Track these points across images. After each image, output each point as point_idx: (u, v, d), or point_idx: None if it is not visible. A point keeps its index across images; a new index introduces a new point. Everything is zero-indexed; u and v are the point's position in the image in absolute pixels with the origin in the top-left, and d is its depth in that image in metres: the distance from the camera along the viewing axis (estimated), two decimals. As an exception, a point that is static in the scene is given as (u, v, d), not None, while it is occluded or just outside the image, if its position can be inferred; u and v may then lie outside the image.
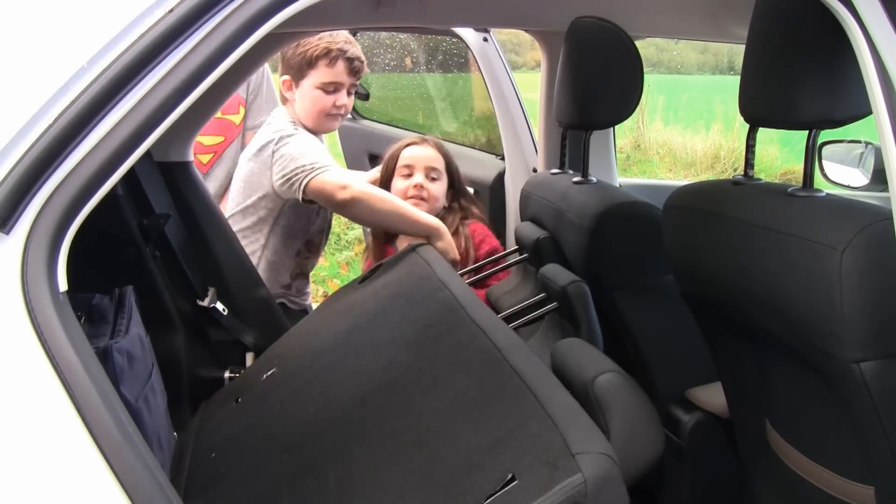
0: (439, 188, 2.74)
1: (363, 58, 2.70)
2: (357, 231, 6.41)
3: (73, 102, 0.98)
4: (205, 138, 3.24)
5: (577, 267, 2.17)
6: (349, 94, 2.72)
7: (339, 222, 6.40)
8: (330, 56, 2.61)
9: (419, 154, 2.76)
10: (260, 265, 2.78)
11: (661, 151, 11.33)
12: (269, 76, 3.42)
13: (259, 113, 3.32)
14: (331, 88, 2.66)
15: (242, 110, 3.36)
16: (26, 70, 1.00)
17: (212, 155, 3.30)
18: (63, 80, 0.98)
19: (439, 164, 2.75)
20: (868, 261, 1.28)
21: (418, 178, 2.71)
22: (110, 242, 1.91)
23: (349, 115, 3.31)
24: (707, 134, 11.10)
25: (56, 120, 0.97)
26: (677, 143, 11.29)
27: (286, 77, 2.68)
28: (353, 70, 2.68)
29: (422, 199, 2.69)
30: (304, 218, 2.79)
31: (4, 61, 1.00)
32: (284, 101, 2.76)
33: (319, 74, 2.63)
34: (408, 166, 2.74)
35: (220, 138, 3.33)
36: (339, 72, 2.65)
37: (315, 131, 2.73)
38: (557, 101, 2.29)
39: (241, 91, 3.28)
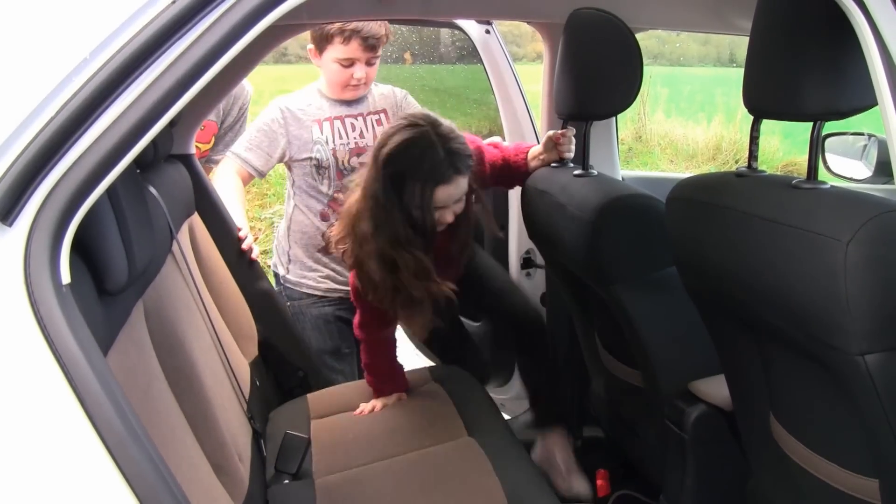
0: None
1: (380, 33, 2.76)
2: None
3: (75, 94, 0.98)
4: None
5: (578, 260, 2.16)
6: (370, 64, 2.83)
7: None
8: (344, 35, 2.71)
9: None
10: (291, 228, 2.97)
11: (662, 143, 11.32)
12: (246, 113, 3.52)
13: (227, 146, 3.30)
14: (347, 63, 2.78)
15: (213, 140, 3.40)
16: (28, 62, 0.99)
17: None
18: (65, 72, 0.98)
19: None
20: (873, 253, 1.27)
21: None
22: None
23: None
24: (709, 126, 11.09)
25: (58, 112, 0.97)
26: (679, 135, 11.28)
27: (311, 46, 2.82)
28: (369, 47, 2.76)
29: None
30: (309, 177, 2.90)
31: (7, 54, 1.00)
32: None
33: (336, 50, 2.75)
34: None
35: (203, 145, 3.35)
36: (354, 48, 2.74)
37: (339, 99, 2.90)
38: (556, 93, 2.28)
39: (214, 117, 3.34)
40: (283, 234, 3.04)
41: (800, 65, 1.42)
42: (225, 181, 2.83)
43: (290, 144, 2.86)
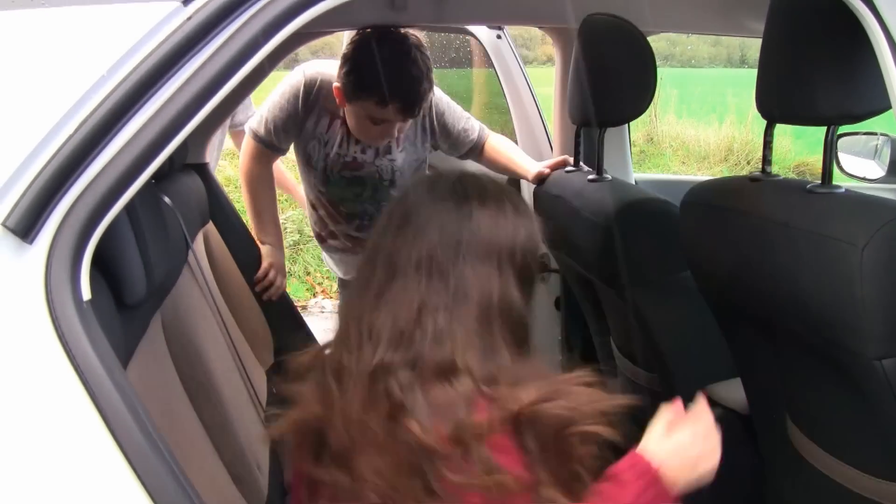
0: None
1: (424, 97, 2.42)
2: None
3: (93, 112, 0.99)
4: None
5: (593, 264, 2.17)
6: (403, 120, 2.48)
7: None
8: (380, 96, 2.34)
9: None
10: (307, 210, 2.86)
11: (673, 145, 11.29)
12: None
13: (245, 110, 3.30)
14: (379, 122, 2.42)
15: None
16: (47, 81, 1.00)
17: None
18: (83, 90, 0.99)
19: None
20: (889, 257, 1.27)
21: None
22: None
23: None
24: (720, 127, 11.06)
25: (77, 130, 0.98)
26: (690, 136, 11.25)
27: (337, 85, 2.42)
28: (406, 112, 2.42)
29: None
30: (303, 164, 2.70)
31: (26, 73, 1.01)
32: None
33: (368, 108, 2.39)
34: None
35: None
36: (391, 112, 2.38)
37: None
38: (570, 99, 2.28)
39: None
40: None
41: (813, 69, 1.42)
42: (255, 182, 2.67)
43: (304, 118, 2.58)
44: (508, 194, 1.32)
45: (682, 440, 1.26)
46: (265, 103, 2.60)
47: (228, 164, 8.05)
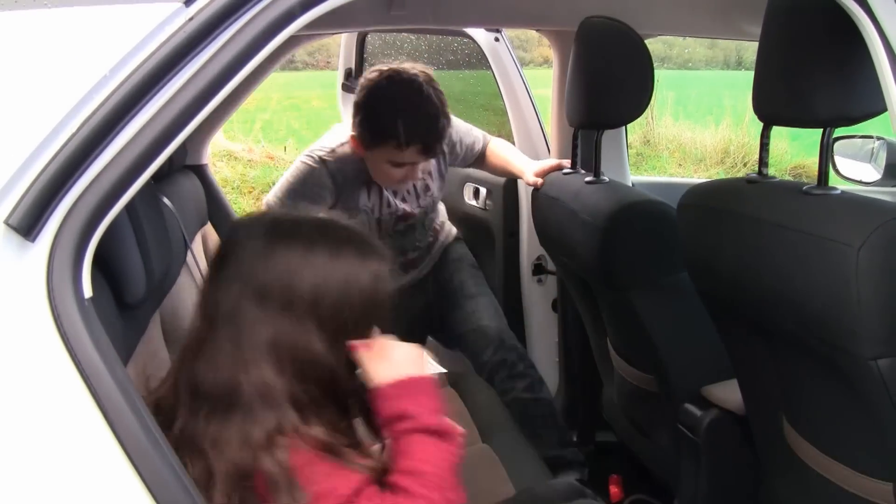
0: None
1: (442, 133, 2.39)
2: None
3: (94, 112, 0.99)
4: None
5: (590, 266, 2.17)
6: (426, 160, 2.45)
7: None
8: (401, 141, 2.29)
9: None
10: None
11: (670, 147, 11.30)
12: None
13: None
14: (400, 165, 2.37)
15: None
16: (49, 81, 1.01)
17: None
18: (85, 90, 0.99)
19: None
20: (884, 258, 1.28)
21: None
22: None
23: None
24: (717, 129, 11.08)
25: (78, 129, 0.98)
26: (687, 138, 11.27)
27: (353, 134, 2.38)
28: (429, 152, 2.39)
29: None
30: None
31: (28, 72, 1.02)
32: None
33: (388, 153, 2.34)
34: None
35: None
36: (412, 154, 2.34)
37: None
38: (568, 102, 2.29)
39: None
40: None
41: (810, 72, 1.43)
42: None
43: (336, 203, 2.48)
44: (338, 238, 1.26)
45: (390, 354, 1.24)
46: (289, 197, 2.46)
47: (225, 165, 8.07)
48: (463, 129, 2.72)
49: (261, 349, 1.17)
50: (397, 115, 2.26)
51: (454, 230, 2.99)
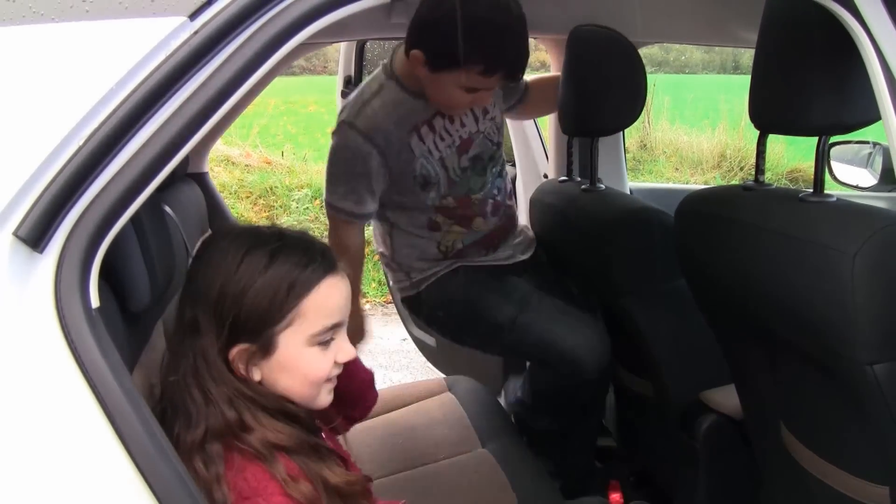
0: None
1: (527, 56, 2.14)
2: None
3: (101, 125, 1.00)
4: None
5: (587, 274, 2.19)
6: (505, 86, 2.29)
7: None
8: (489, 66, 2.05)
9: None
10: (394, 253, 2.43)
11: (667, 151, 11.30)
12: None
13: None
14: (475, 90, 2.12)
15: None
16: (56, 94, 1.02)
17: None
18: (92, 104, 1.00)
19: None
20: (879, 264, 1.30)
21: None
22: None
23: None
24: (713, 133, 11.08)
25: (85, 143, 0.99)
26: (683, 143, 11.26)
27: (418, 51, 2.09)
28: (513, 79, 2.19)
29: None
30: (409, 194, 2.30)
31: (35, 86, 1.03)
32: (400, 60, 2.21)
33: (468, 78, 2.07)
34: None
35: None
36: (494, 80, 2.11)
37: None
38: (561, 110, 2.30)
39: None
40: (388, 259, 2.48)
41: (805, 80, 1.44)
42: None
43: (391, 174, 2.24)
44: (254, 240, 1.29)
45: None
46: (338, 185, 2.24)
47: (223, 170, 8.07)
48: None
49: (195, 357, 1.24)
50: (486, 37, 1.99)
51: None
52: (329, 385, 1.33)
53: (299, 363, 1.27)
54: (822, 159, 1.49)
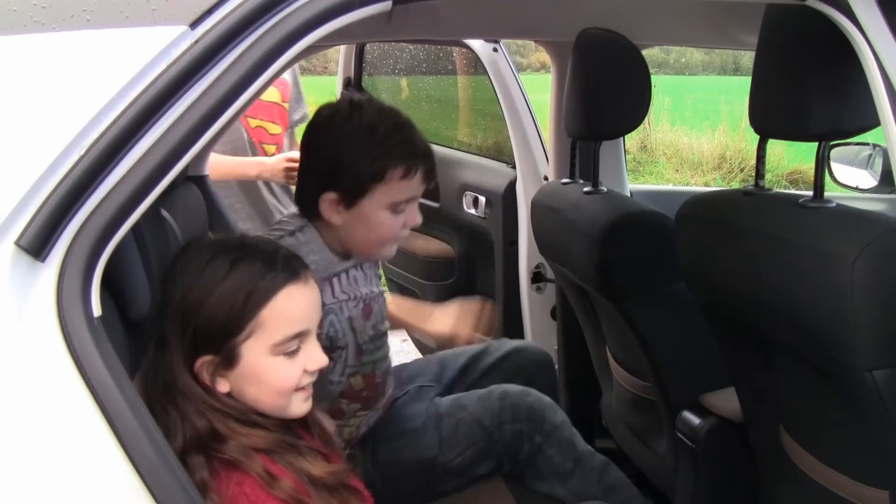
0: None
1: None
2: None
3: (102, 134, 1.00)
4: (271, 126, 3.22)
5: (588, 275, 2.19)
6: (426, 188, 1.94)
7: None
8: (407, 167, 1.82)
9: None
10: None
11: (667, 152, 11.32)
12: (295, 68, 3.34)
13: (295, 106, 3.30)
14: (403, 207, 1.86)
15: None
16: (57, 104, 1.02)
17: (275, 146, 3.26)
18: (93, 113, 1.01)
19: None
20: (879, 270, 1.30)
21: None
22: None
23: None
24: (713, 134, 11.09)
25: (86, 152, 1.00)
26: (683, 144, 11.29)
27: (332, 195, 1.82)
28: (431, 176, 1.91)
29: None
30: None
31: (36, 96, 1.03)
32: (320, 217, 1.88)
33: (390, 191, 1.82)
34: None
35: (279, 128, 3.27)
36: (416, 184, 1.86)
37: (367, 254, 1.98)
38: (566, 113, 2.30)
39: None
40: None
41: (804, 86, 1.44)
42: None
43: None
44: (216, 250, 1.31)
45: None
46: None
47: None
48: None
49: (165, 371, 1.27)
50: (391, 135, 1.82)
51: None
52: (302, 394, 1.31)
53: (264, 374, 1.26)
54: (821, 165, 1.49)
